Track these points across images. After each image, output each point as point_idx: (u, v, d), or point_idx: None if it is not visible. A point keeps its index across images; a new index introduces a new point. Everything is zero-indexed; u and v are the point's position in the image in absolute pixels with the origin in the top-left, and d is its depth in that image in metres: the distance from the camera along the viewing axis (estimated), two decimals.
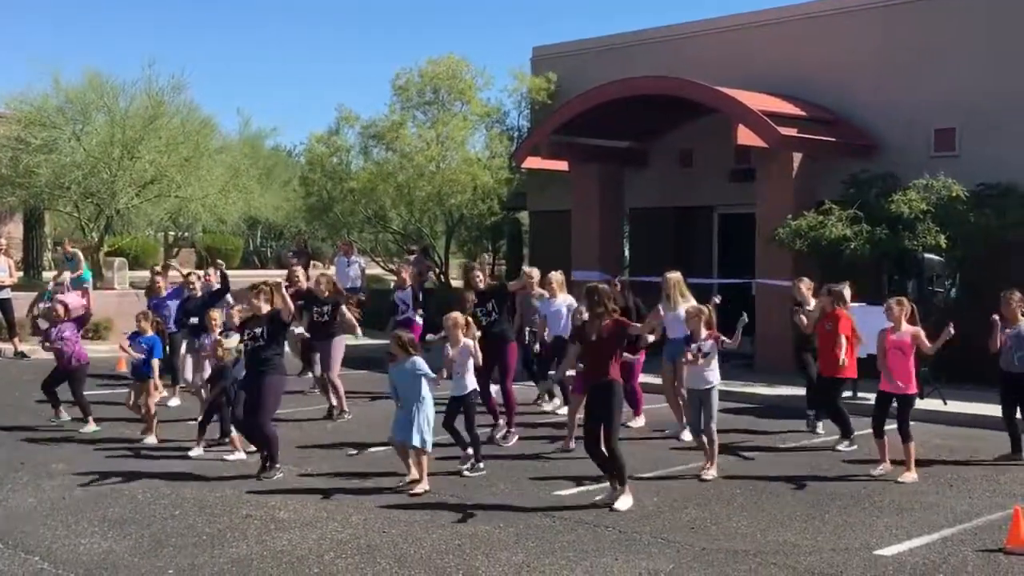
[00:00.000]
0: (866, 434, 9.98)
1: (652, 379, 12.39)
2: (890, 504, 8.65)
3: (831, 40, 16.88)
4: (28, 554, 7.19)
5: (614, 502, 8.37)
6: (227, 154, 25.43)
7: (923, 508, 8.54)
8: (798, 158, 15.76)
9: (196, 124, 23.90)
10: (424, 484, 8.85)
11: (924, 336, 9.77)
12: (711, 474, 9.44)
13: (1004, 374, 10.38)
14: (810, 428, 11.70)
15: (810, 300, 11.51)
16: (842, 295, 10.75)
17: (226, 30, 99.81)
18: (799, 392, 12.47)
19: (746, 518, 8.19)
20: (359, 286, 18.40)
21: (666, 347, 11.35)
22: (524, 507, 8.40)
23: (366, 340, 14.72)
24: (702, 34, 18.52)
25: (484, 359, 9.99)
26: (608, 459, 8.46)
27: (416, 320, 14.21)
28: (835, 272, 13.24)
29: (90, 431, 11.41)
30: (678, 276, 11.47)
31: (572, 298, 12.33)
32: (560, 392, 12.90)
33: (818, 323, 10.91)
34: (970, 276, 14.30)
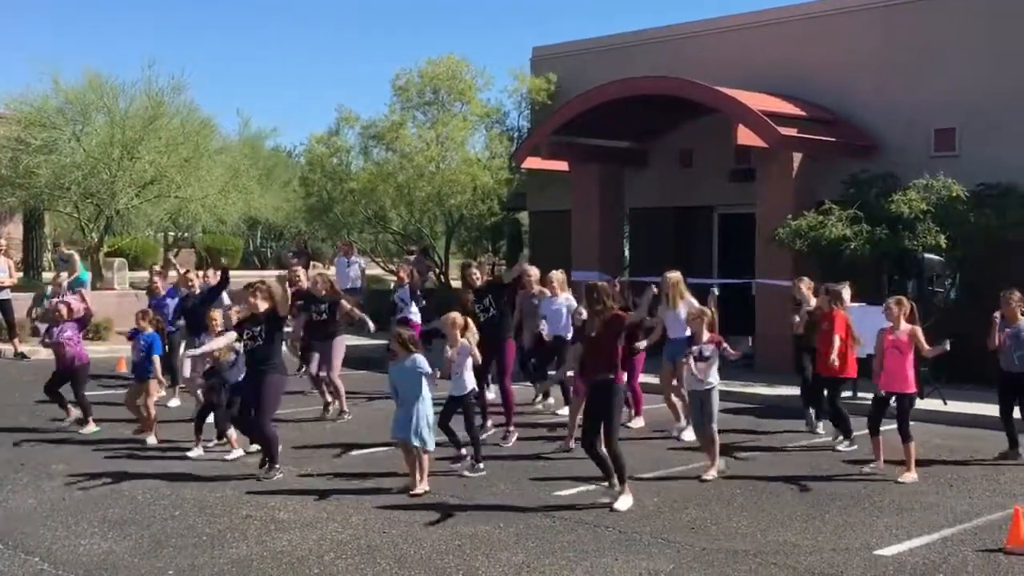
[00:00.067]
0: (866, 434, 9.96)
1: (652, 379, 12.39)
2: (890, 504, 8.65)
3: (831, 40, 16.88)
4: (28, 555, 7.19)
5: (614, 502, 8.37)
6: (227, 154, 25.42)
7: (923, 508, 8.54)
8: (798, 158, 15.76)
9: (196, 124, 23.89)
10: (424, 484, 8.84)
11: (921, 334, 9.78)
12: (711, 474, 9.45)
13: (1004, 374, 10.42)
14: (810, 428, 11.69)
15: (811, 300, 11.51)
16: (839, 295, 10.75)
17: (226, 30, 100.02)
18: (799, 392, 12.45)
19: (746, 518, 8.19)
20: (359, 287, 18.41)
21: (666, 347, 11.36)
22: (524, 507, 8.40)
23: (366, 340, 14.72)
24: (702, 34, 18.51)
25: (482, 355, 9.96)
26: (608, 459, 8.44)
27: (411, 317, 14.21)
28: (835, 272, 13.24)
29: (90, 432, 11.42)
30: (678, 276, 11.46)
31: (572, 298, 12.33)
32: (561, 392, 12.89)
33: (811, 323, 10.93)
34: (970, 276, 14.30)
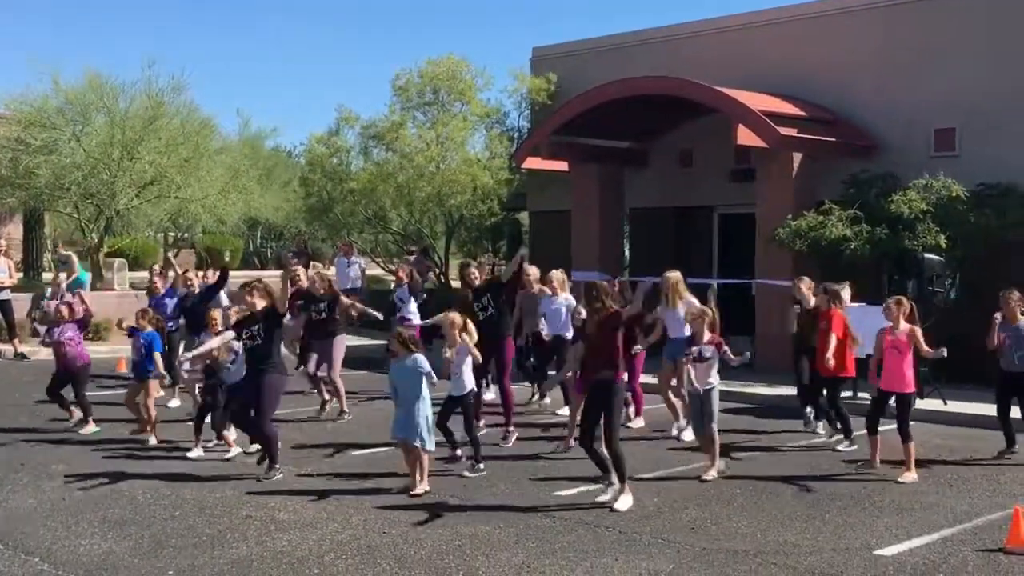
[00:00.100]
0: (865, 434, 9.96)
1: (652, 379, 12.38)
2: (890, 504, 8.65)
3: (831, 40, 16.88)
4: (28, 555, 7.19)
5: (614, 502, 8.37)
6: (227, 155, 25.42)
7: (923, 508, 8.54)
8: (798, 158, 15.76)
9: (196, 125, 23.89)
10: (424, 484, 8.84)
11: (920, 334, 9.78)
12: (711, 474, 9.44)
13: (1004, 373, 10.43)
14: (809, 428, 11.69)
15: (811, 300, 11.50)
16: (838, 294, 10.76)
17: (226, 30, 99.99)
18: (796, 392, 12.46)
19: (746, 518, 8.19)
20: (359, 287, 18.41)
21: (666, 347, 11.36)
22: (524, 507, 8.40)
23: (366, 340, 14.72)
24: (702, 34, 18.52)
25: (481, 354, 9.94)
26: (607, 458, 8.44)
27: (409, 316, 14.19)
28: (835, 272, 13.23)
29: (90, 432, 11.42)
30: (677, 276, 11.46)
31: (572, 298, 12.33)
32: (561, 392, 12.89)
33: (809, 322, 10.94)
34: (970, 276, 14.30)
